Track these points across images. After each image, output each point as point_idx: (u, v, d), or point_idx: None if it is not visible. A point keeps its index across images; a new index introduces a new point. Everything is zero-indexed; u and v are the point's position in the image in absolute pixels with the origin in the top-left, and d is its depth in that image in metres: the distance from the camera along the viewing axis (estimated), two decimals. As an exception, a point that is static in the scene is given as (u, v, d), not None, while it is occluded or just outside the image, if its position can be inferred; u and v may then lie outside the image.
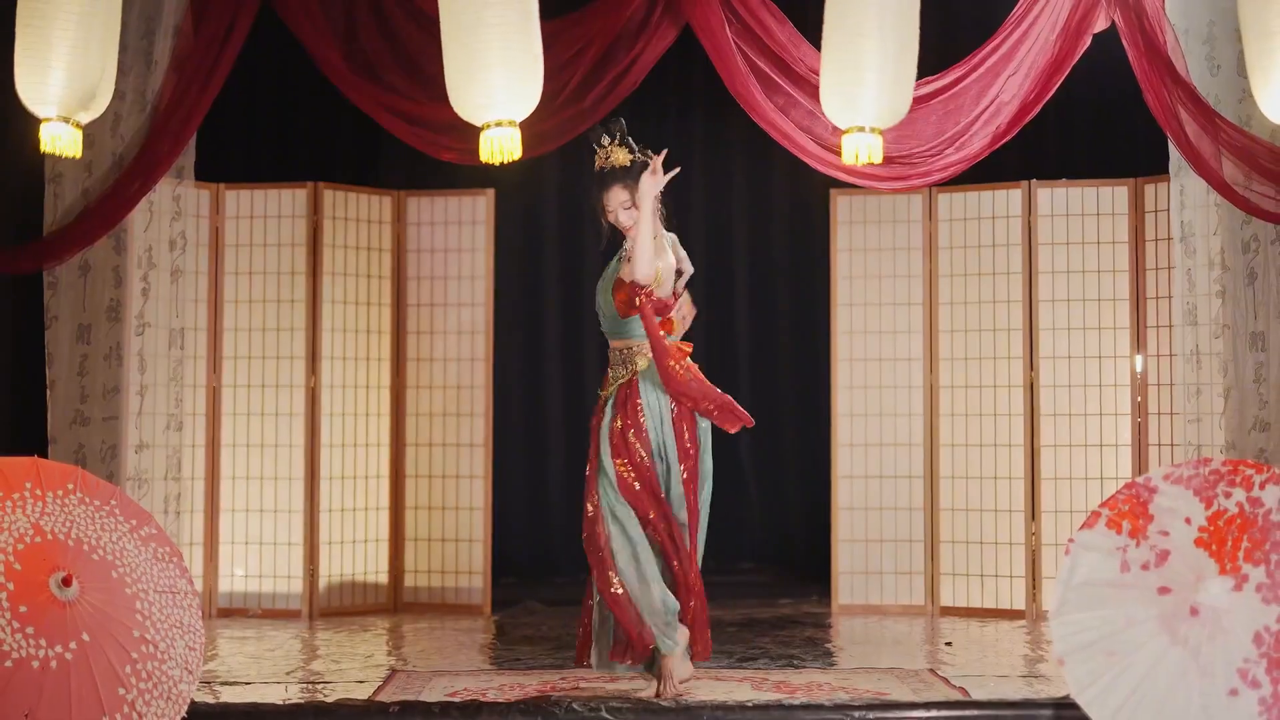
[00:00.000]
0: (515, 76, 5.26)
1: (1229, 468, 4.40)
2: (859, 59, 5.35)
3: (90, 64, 5.37)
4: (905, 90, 5.46)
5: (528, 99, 5.32)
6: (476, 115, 5.33)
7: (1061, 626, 4.35)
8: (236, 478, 7.35)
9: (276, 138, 8.22)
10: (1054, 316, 7.26)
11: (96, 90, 5.45)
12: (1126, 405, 7.19)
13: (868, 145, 5.46)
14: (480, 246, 7.61)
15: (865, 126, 5.45)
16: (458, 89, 5.32)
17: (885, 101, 5.41)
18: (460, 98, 5.33)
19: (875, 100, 5.39)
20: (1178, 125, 6.20)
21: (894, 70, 5.38)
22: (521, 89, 5.29)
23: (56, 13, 5.31)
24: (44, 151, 5.51)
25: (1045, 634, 6.64)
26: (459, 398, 7.57)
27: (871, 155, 5.47)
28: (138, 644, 4.18)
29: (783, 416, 8.89)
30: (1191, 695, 4.18)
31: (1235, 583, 4.25)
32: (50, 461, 4.42)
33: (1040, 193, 7.32)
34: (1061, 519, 7.14)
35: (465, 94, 5.31)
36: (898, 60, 5.38)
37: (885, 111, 5.45)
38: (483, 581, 7.48)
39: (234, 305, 7.40)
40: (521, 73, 5.27)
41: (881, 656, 6.20)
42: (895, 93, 5.42)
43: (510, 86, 5.26)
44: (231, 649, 6.36)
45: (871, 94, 5.38)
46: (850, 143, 5.48)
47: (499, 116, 5.30)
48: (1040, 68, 6.30)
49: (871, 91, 5.37)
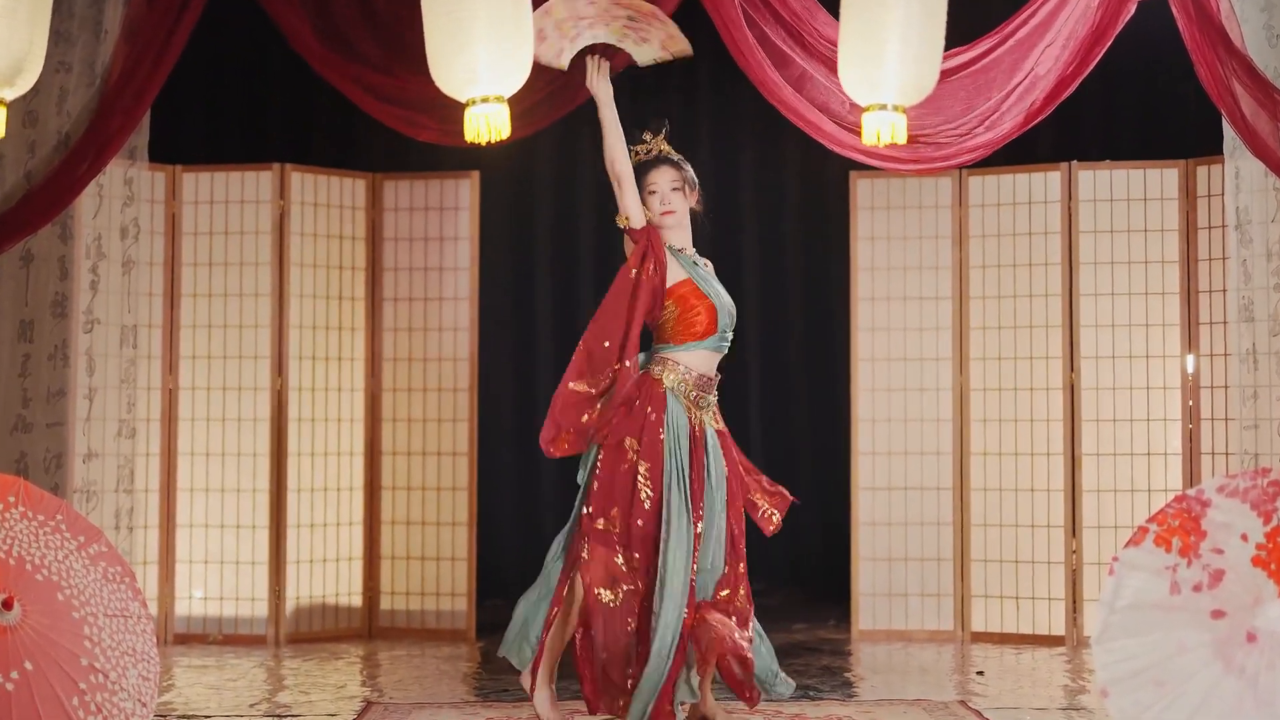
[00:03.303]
0: (504, 48, 5.24)
1: (1289, 479, 4.40)
2: (880, 29, 5.34)
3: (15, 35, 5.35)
4: (932, 64, 5.46)
5: (517, 73, 5.31)
6: (460, 90, 5.32)
7: (1105, 654, 4.35)
8: (195, 490, 7.36)
9: (239, 115, 8.22)
10: (1097, 312, 7.27)
11: (23, 65, 5.43)
12: (1176, 410, 7.19)
13: (890, 124, 5.46)
14: (464, 235, 7.61)
15: (888, 104, 5.44)
16: (440, 62, 5.31)
17: (909, 76, 5.40)
18: (442, 71, 5.32)
19: (898, 75, 5.38)
20: (1232, 101, 6.19)
21: (919, 41, 5.37)
22: (510, 62, 5.27)
23: (-25, -22, 5.29)
24: None
25: (1087, 662, 6.65)
26: (440, 401, 7.58)
27: (895, 135, 5.47)
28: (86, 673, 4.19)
29: (797, 422, 8.90)
30: (1248, 729, 4.18)
31: (1296, 605, 4.25)
32: (-11, 472, 4.43)
33: (1081, 175, 7.33)
34: (1105, 535, 7.14)
35: (448, 67, 5.30)
36: (923, 30, 5.37)
37: (910, 87, 5.44)
38: (466, 604, 7.49)
39: (192, 299, 7.40)
40: (511, 44, 5.26)
41: (907, 687, 6.21)
42: (920, 66, 5.41)
43: (498, 59, 5.25)
44: (190, 679, 6.36)
45: (894, 68, 5.37)
46: (871, 121, 5.47)
47: (485, 92, 5.28)
48: (1080, 38, 6.29)
49: (894, 65, 5.36)
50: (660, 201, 5.37)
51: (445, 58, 5.29)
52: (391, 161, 7.86)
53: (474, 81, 5.28)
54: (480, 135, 5.31)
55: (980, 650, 7.13)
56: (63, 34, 6.49)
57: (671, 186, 5.37)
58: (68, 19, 6.55)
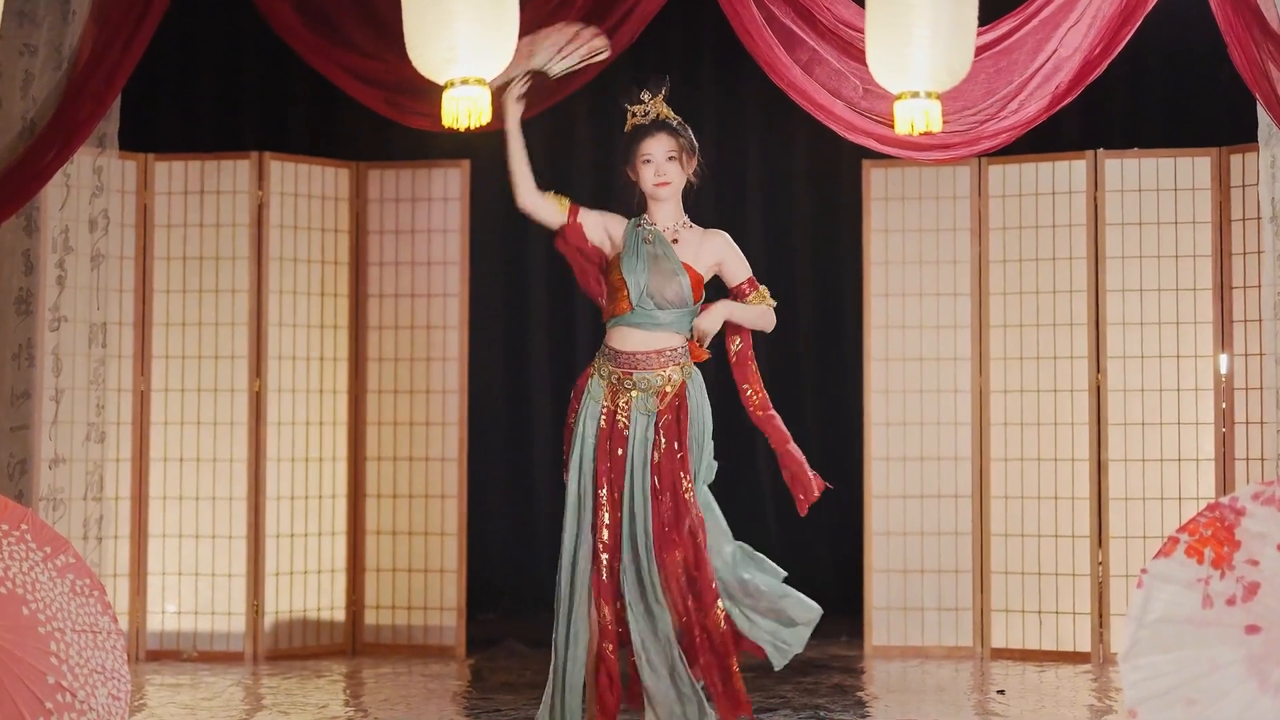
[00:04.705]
0: (485, 26, 5.23)
1: (1329, 485, 4.40)
2: (909, 11, 5.33)
3: None
4: (965, 48, 5.44)
5: (498, 54, 5.29)
6: (439, 71, 5.31)
7: (1134, 671, 4.34)
8: (168, 497, 7.36)
9: (215, 101, 8.23)
10: (1124, 309, 7.27)
11: None
12: (1209, 413, 7.19)
13: (925, 112, 5.45)
14: (454, 227, 7.61)
15: (920, 91, 5.43)
16: (417, 40, 5.30)
17: (942, 60, 5.39)
18: (420, 50, 5.31)
19: (930, 60, 5.37)
20: (1268, 85, 6.19)
21: (951, 23, 5.36)
22: (492, 42, 5.26)
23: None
24: None
25: (1114, 680, 6.64)
26: (428, 404, 7.58)
27: (930, 124, 5.46)
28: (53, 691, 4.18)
29: (806, 424, 8.86)
30: (1285, 751, 4.18)
31: (1337, 620, 4.25)
32: (-51, 479, 4.42)
33: (1108, 164, 7.33)
34: (1133, 546, 7.14)
35: (426, 46, 5.28)
36: (955, 11, 5.36)
37: (942, 72, 5.43)
38: (456, 618, 7.49)
39: (165, 296, 7.41)
40: (492, 23, 5.24)
41: (923, 707, 6.21)
42: (954, 49, 5.40)
43: (477, 38, 5.23)
44: (163, 697, 6.36)
45: (925, 52, 5.36)
46: (904, 111, 5.46)
47: (465, 73, 5.27)
48: (1107, 17, 6.29)
49: (925, 50, 5.35)
50: (655, 173, 5.39)
51: (423, 35, 5.27)
52: (377, 150, 7.86)
53: (453, 61, 5.26)
54: (459, 120, 5.29)
55: (1001, 668, 7.13)
56: (27, 15, 6.49)
57: (668, 155, 5.38)
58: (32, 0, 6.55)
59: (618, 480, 5.28)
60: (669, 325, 5.35)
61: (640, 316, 5.33)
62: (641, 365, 5.33)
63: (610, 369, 5.36)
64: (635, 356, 5.34)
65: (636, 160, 5.41)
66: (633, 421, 5.30)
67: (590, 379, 5.40)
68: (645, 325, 5.34)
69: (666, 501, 5.28)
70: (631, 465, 5.28)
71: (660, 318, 5.33)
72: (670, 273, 5.32)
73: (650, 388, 5.32)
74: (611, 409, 5.32)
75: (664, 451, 5.29)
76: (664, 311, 5.33)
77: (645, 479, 5.27)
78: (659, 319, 5.33)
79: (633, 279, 5.32)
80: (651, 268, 5.32)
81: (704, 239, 5.43)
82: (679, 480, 5.30)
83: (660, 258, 5.34)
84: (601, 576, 5.24)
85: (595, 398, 5.36)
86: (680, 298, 5.32)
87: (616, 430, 5.30)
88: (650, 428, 5.30)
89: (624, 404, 5.32)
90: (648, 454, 5.29)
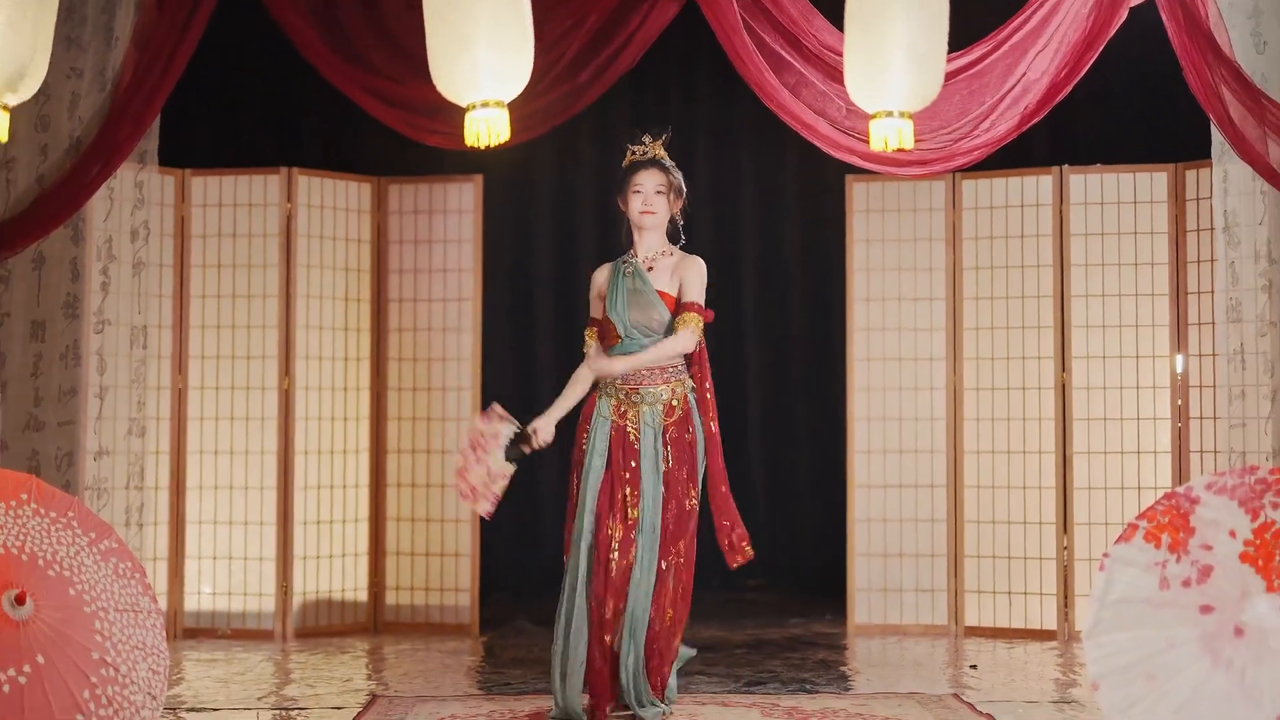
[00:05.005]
0: (504, 53, 5.26)
1: (1276, 476, 4.41)
2: (885, 37, 5.35)
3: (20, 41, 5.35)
4: (936, 70, 5.46)
5: (517, 78, 5.33)
6: (461, 95, 5.34)
7: (1096, 648, 4.36)
8: (204, 487, 7.37)
9: (247, 120, 8.23)
10: (1088, 313, 7.28)
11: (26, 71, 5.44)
12: (1166, 409, 7.21)
13: (897, 130, 5.47)
14: (467, 237, 7.62)
15: (894, 110, 5.45)
16: (441, 67, 5.33)
17: (914, 83, 5.41)
18: (444, 76, 5.34)
19: (903, 82, 5.39)
20: (1220, 106, 6.20)
21: (923, 48, 5.38)
22: (510, 68, 5.29)
23: (-17, -12, 5.30)
24: None
25: (1078, 656, 6.66)
26: (444, 400, 7.59)
27: (902, 141, 5.48)
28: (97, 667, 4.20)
29: (794, 420, 8.91)
30: (1235, 722, 4.19)
31: (1283, 601, 4.26)
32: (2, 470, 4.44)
33: (1073, 179, 7.34)
34: (1096, 532, 7.15)
35: (449, 72, 5.32)
36: (927, 38, 5.38)
37: (915, 94, 5.45)
38: (470, 599, 7.50)
39: (201, 300, 7.41)
40: (511, 49, 5.27)
41: (901, 680, 6.22)
42: (925, 73, 5.42)
43: (498, 64, 5.27)
44: (198, 672, 6.38)
45: (899, 75, 5.38)
46: (879, 129, 5.48)
47: (486, 97, 5.31)
48: (1072, 43, 6.30)
49: (899, 72, 5.37)
50: (643, 202, 5.47)
51: (447, 62, 5.31)
52: (396, 165, 7.86)
53: (475, 86, 5.31)
54: (480, 139, 5.36)
55: (973, 644, 7.14)
56: (74, 40, 6.50)
57: (656, 189, 5.47)
58: (79, 26, 6.57)
59: (630, 488, 5.29)
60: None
61: (631, 345, 5.41)
62: (645, 381, 5.38)
63: (615, 387, 5.40)
64: (638, 374, 5.39)
65: (628, 190, 5.49)
66: (642, 435, 5.33)
67: (598, 401, 5.44)
68: (637, 351, 5.40)
69: (672, 510, 5.30)
70: (643, 476, 5.30)
71: (648, 344, 5.40)
72: (648, 303, 5.41)
73: (657, 400, 5.36)
74: (622, 425, 5.36)
75: (672, 464, 5.32)
76: (650, 338, 5.41)
77: (656, 488, 5.30)
78: (646, 345, 5.40)
79: (616, 316, 5.43)
80: (630, 302, 5.42)
81: (679, 264, 5.49)
82: (685, 492, 5.34)
83: (638, 291, 5.43)
84: (606, 575, 5.24)
85: (605, 416, 5.40)
86: (661, 323, 5.42)
87: (628, 444, 5.33)
88: (658, 441, 5.33)
89: (633, 417, 5.35)
90: (657, 464, 5.32)
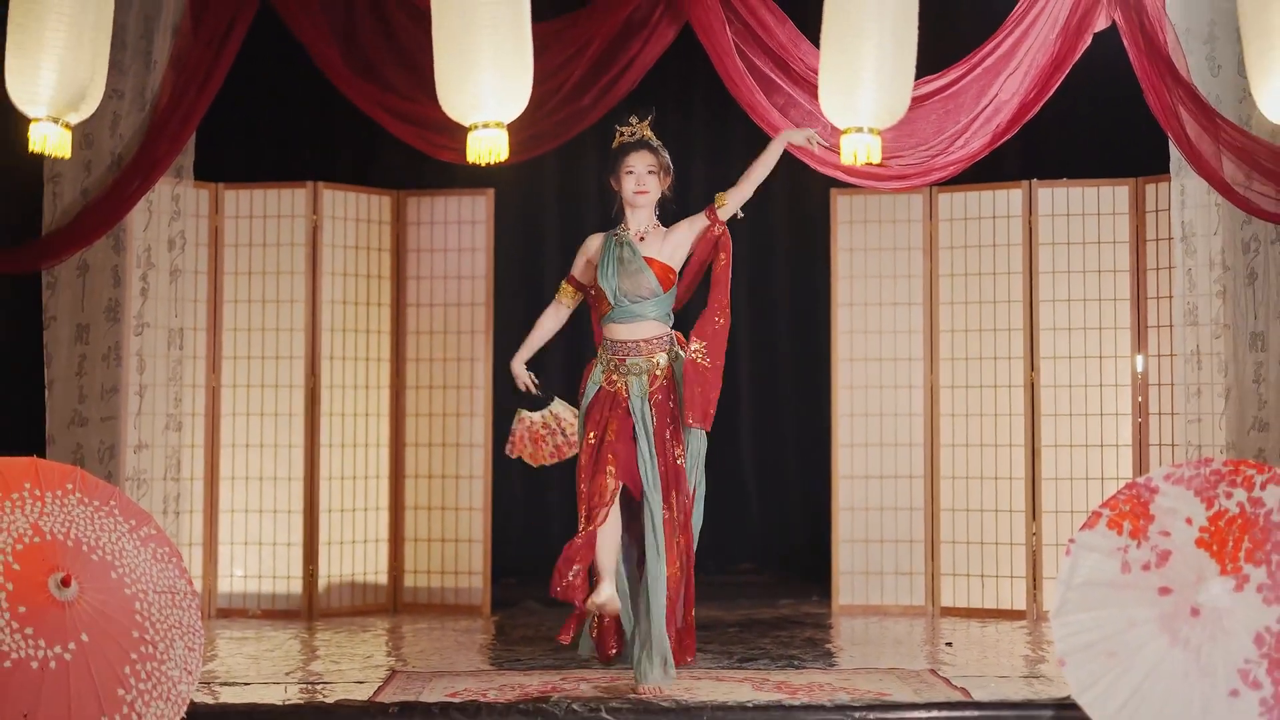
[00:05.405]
0: (505, 78, 5.26)
1: (1230, 468, 4.40)
2: (857, 58, 5.34)
3: (80, 65, 5.36)
4: (904, 90, 5.45)
5: (517, 101, 5.32)
6: (465, 116, 5.34)
7: (1062, 627, 4.35)
8: (236, 478, 7.35)
9: (275, 137, 8.21)
10: (1055, 316, 7.26)
11: (86, 91, 5.44)
12: (1127, 405, 7.18)
13: (866, 145, 5.46)
14: (480, 246, 7.60)
15: (864, 127, 5.44)
16: (447, 89, 5.32)
17: (884, 101, 5.40)
18: (449, 98, 5.33)
19: (874, 100, 5.39)
20: (1178, 125, 6.19)
21: (892, 69, 5.37)
22: (511, 91, 5.29)
23: (47, 13, 5.31)
24: (32, 151, 5.51)
25: (1046, 634, 6.63)
26: (459, 398, 7.57)
27: (870, 155, 5.48)
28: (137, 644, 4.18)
29: (783, 416, 8.89)
30: (1192, 696, 4.18)
31: (1236, 583, 4.25)
32: (49, 462, 4.42)
33: (1041, 192, 7.31)
34: (1062, 519, 7.13)
35: (454, 95, 5.31)
36: (896, 59, 5.37)
37: (884, 111, 5.44)
38: (482, 582, 7.47)
39: (233, 305, 7.39)
40: (511, 75, 5.26)
41: (882, 657, 6.20)
42: (894, 92, 5.41)
43: (500, 88, 5.26)
44: (231, 649, 6.35)
45: (870, 94, 5.37)
46: (849, 143, 5.47)
47: (487, 118, 5.30)
48: (1040, 66, 6.29)
49: (870, 91, 5.37)
50: (636, 183, 5.46)
51: (452, 84, 5.30)
52: (414, 179, 7.84)
53: (478, 108, 5.30)
54: (481, 157, 5.38)
55: (949, 623, 7.11)
56: (116, 64, 6.49)
57: (648, 169, 5.46)
58: (120, 50, 6.55)
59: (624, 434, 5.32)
60: (648, 316, 5.42)
61: (620, 312, 5.42)
62: (632, 353, 5.41)
63: (608, 357, 5.45)
64: (625, 345, 5.42)
65: (621, 171, 5.48)
66: (630, 398, 5.37)
67: (594, 368, 5.50)
68: (626, 319, 5.42)
69: (660, 467, 5.32)
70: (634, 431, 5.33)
71: (637, 310, 5.41)
72: (636, 271, 5.40)
73: (641, 371, 5.39)
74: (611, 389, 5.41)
75: (657, 425, 5.35)
76: (638, 304, 5.41)
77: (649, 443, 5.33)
78: (635, 311, 5.41)
79: (606, 284, 5.42)
80: (620, 270, 5.41)
81: (669, 233, 5.50)
82: (670, 449, 5.36)
83: (627, 260, 5.42)
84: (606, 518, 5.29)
85: (596, 381, 5.46)
86: (650, 289, 5.41)
87: (618, 394, 5.38)
88: (645, 406, 5.36)
89: (621, 384, 5.41)
90: (648, 425, 5.34)
